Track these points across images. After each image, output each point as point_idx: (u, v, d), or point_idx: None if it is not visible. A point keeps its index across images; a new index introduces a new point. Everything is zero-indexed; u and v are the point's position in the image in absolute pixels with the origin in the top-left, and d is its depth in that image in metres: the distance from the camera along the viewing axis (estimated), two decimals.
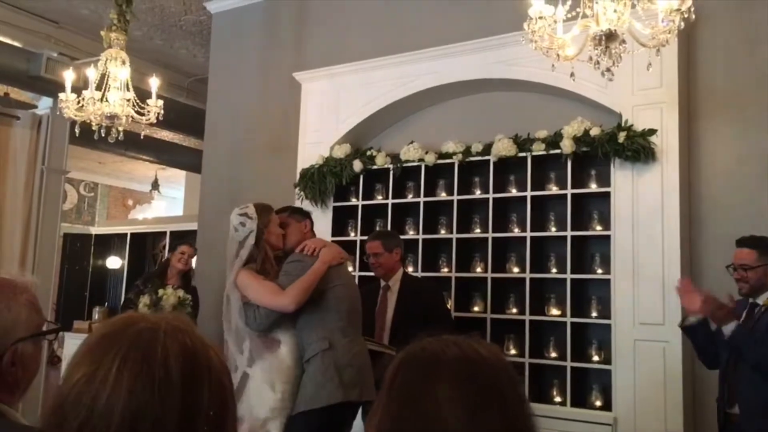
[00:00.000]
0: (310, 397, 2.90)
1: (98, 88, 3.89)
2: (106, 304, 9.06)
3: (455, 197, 4.43)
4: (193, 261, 4.99)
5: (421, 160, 4.55)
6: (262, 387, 2.92)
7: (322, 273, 2.98)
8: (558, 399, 3.90)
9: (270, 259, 3.11)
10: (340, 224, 4.81)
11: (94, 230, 10.27)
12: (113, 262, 9.60)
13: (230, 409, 0.83)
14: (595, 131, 3.92)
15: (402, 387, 0.89)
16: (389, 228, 4.55)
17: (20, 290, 1.20)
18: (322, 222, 4.65)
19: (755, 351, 2.68)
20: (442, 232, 4.54)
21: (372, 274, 3.95)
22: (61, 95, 3.89)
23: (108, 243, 9.75)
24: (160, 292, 4.18)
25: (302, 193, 4.82)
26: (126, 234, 9.46)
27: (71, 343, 5.54)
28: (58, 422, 0.77)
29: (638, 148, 3.72)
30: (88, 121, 3.92)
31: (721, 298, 2.80)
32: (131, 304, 4.31)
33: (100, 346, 0.80)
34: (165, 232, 8.94)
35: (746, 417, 2.73)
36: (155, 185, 10.93)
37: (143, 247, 9.50)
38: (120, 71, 3.91)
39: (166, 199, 12.00)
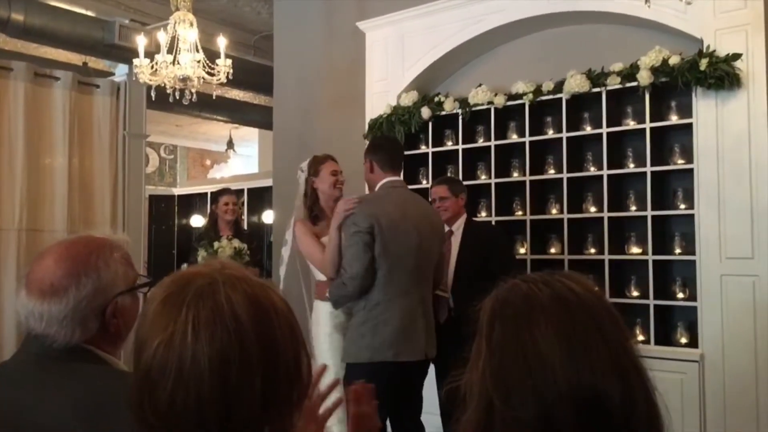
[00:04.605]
0: (345, 351, 2.98)
1: (169, 51, 3.99)
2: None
3: (527, 138, 4.34)
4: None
5: (490, 102, 4.46)
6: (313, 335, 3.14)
7: (334, 238, 2.98)
8: (641, 338, 3.84)
9: (321, 207, 3.27)
10: (410, 172, 4.80)
11: (177, 191, 10.68)
12: (196, 221, 9.99)
13: (301, 344, 0.87)
14: (674, 60, 3.72)
15: (499, 337, 0.88)
16: (461, 174, 4.53)
17: (115, 248, 1.28)
18: None
19: None
20: (515, 174, 4.47)
21: None
22: (135, 61, 4.02)
23: (190, 202, 10.13)
24: (216, 244, 4.25)
25: None
26: (206, 193, 9.78)
27: None
28: (150, 388, 0.81)
29: (722, 75, 3.51)
30: (163, 85, 4.04)
31: None
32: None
33: (167, 309, 0.83)
34: (242, 190, 9.19)
35: None
36: (230, 144, 11.21)
37: None
38: (188, 33, 3.99)
39: (241, 158, 12.29)
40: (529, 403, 0.81)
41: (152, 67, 4.01)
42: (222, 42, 4.07)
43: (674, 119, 3.86)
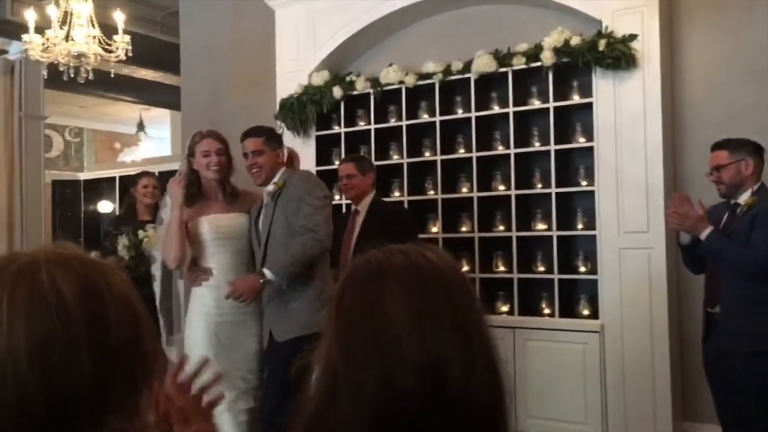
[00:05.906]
0: (311, 323, 2.79)
1: (63, 26, 3.78)
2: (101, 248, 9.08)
3: (437, 118, 4.38)
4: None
5: (401, 82, 4.46)
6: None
7: (177, 218, 2.94)
8: (547, 311, 3.97)
9: (202, 188, 3.09)
10: (323, 153, 4.77)
11: (83, 176, 10.21)
12: (105, 207, 9.60)
13: (143, 322, 0.82)
14: (575, 41, 3.83)
15: (349, 304, 0.85)
16: (373, 154, 4.52)
17: None
18: (306, 152, 4.60)
19: (733, 254, 2.71)
20: (427, 154, 4.50)
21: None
22: (25, 37, 3.78)
23: (97, 188, 9.72)
24: (141, 233, 3.95)
25: (283, 123, 4.76)
26: (115, 177, 9.42)
27: None
28: None
29: (619, 55, 3.64)
30: (56, 62, 3.82)
31: (694, 205, 2.82)
32: (109, 252, 3.98)
33: None
34: (154, 173, 8.88)
35: (727, 315, 2.79)
36: (140, 126, 10.79)
37: None
38: (82, 7, 3.78)
39: (153, 140, 11.85)
40: (373, 365, 0.80)
41: (44, 43, 3.78)
42: (119, 17, 3.88)
43: (576, 98, 3.98)
